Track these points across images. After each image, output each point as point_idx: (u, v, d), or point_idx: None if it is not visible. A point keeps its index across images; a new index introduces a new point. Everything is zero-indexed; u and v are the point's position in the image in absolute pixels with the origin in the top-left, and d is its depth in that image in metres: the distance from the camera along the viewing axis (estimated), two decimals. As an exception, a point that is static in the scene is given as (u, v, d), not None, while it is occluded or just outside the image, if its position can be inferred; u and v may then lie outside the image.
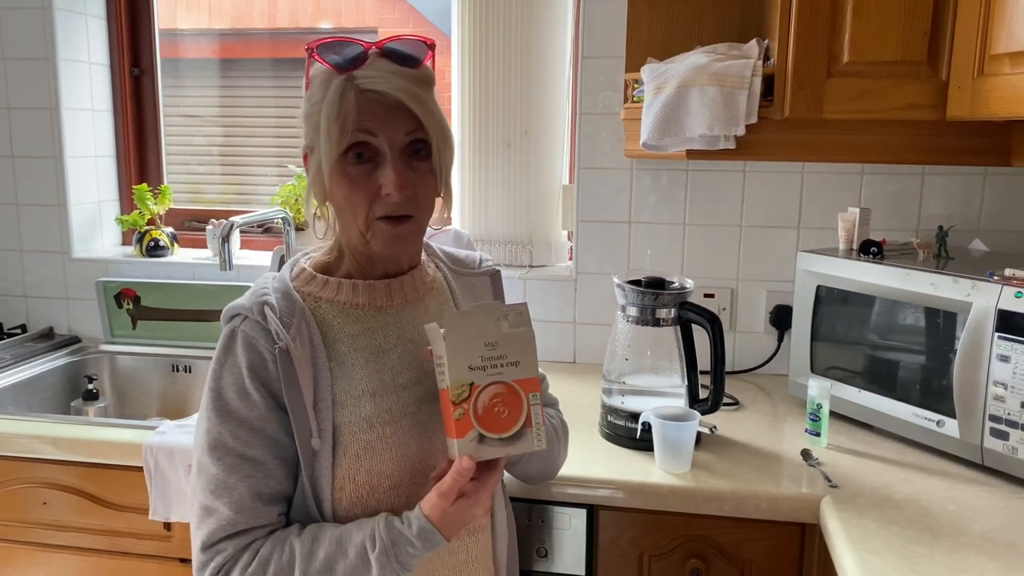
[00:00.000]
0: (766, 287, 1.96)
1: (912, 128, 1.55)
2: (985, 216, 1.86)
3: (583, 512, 1.42)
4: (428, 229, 1.10)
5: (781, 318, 1.94)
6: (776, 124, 1.57)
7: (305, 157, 1.05)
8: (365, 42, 0.98)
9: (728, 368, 1.93)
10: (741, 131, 1.55)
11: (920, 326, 1.50)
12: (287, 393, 0.98)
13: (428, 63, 1.02)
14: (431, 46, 1.01)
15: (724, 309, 1.97)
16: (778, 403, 1.78)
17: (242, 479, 0.97)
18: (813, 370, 1.70)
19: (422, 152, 1.00)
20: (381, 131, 0.97)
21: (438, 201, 1.07)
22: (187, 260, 2.25)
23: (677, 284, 1.53)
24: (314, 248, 1.14)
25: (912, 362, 1.52)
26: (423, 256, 1.16)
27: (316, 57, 0.98)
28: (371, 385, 1.03)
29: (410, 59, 0.99)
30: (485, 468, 0.98)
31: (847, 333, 1.65)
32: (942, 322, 1.45)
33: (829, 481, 1.37)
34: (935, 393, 1.47)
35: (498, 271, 1.24)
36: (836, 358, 1.67)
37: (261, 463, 0.98)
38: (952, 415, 1.43)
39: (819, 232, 1.91)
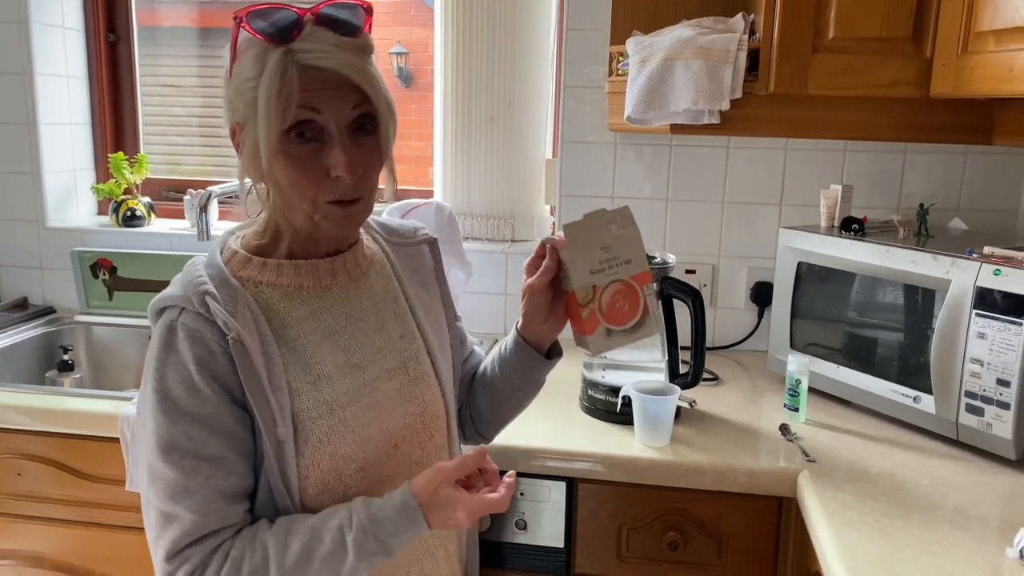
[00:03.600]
0: (747, 264, 1.96)
1: (896, 105, 1.55)
2: (965, 195, 1.87)
3: (562, 485, 1.42)
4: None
5: (761, 295, 1.95)
6: (760, 99, 1.57)
7: (233, 133, 0.97)
8: (299, 8, 0.91)
9: (708, 344, 1.93)
10: (726, 106, 1.55)
11: (899, 303, 1.51)
12: (247, 384, 0.92)
13: (366, 29, 0.95)
14: (368, 9, 0.95)
15: (705, 285, 1.97)
16: (757, 379, 1.79)
17: (203, 481, 0.91)
18: (793, 346, 1.71)
19: (367, 127, 0.94)
20: (326, 108, 0.90)
21: (384, 173, 1.02)
22: (164, 231, 2.22)
23: (659, 259, 1.53)
24: (239, 227, 1.06)
25: (890, 339, 1.54)
26: (359, 230, 1.11)
27: (246, 27, 0.90)
28: (327, 368, 0.99)
29: (349, 26, 0.92)
30: (493, 479, 0.99)
31: (827, 310, 1.65)
32: (921, 299, 1.46)
33: (807, 456, 1.38)
34: (912, 369, 1.48)
35: (434, 239, 1.21)
36: (816, 335, 1.68)
37: (221, 461, 0.92)
38: (929, 391, 1.44)
39: (801, 209, 1.92)
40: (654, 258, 1.53)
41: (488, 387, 1.18)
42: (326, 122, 0.91)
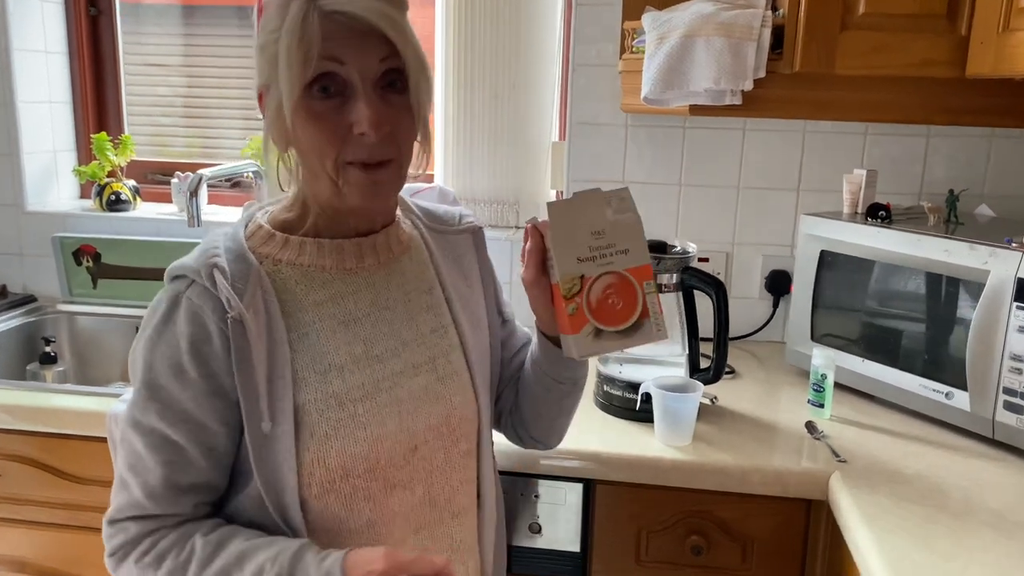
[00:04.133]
0: (762, 251, 1.89)
1: (926, 86, 1.48)
2: (991, 180, 1.80)
3: (578, 486, 1.35)
4: (415, 185, 0.99)
5: (776, 284, 1.88)
6: (785, 79, 1.49)
7: (260, 97, 0.91)
8: None
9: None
10: (749, 85, 1.46)
11: (930, 294, 1.44)
12: (238, 371, 0.86)
13: None
14: None
15: (718, 273, 1.89)
16: (774, 371, 1.72)
17: (160, 462, 0.88)
18: (813, 338, 1.64)
19: (397, 84, 0.87)
20: (350, 59, 0.84)
21: (416, 146, 0.94)
22: (151, 215, 2.12)
23: (680, 248, 1.45)
24: (271, 202, 1.00)
25: (920, 331, 1.47)
26: (398, 211, 1.04)
27: None
28: (339, 359, 0.92)
29: None
30: None
31: (851, 300, 1.58)
32: (955, 290, 1.39)
33: (837, 456, 1.31)
34: (944, 364, 1.41)
35: (480, 228, 1.12)
36: (838, 326, 1.61)
37: (181, 450, 0.88)
38: (962, 387, 1.37)
39: (819, 195, 1.84)
40: (674, 247, 1.45)
41: (526, 388, 1.09)
42: (349, 74, 0.84)
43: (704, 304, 1.41)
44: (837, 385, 1.55)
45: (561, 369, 1.03)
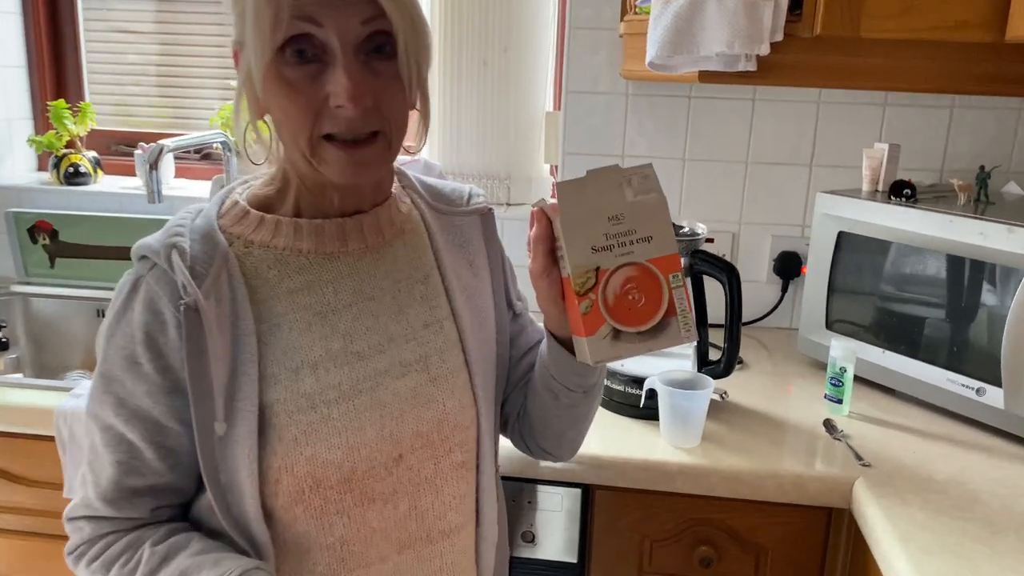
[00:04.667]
0: (771, 232, 1.76)
1: (959, 51, 1.35)
2: (1018, 156, 1.67)
3: (576, 492, 1.23)
4: (398, 158, 0.86)
5: (786, 266, 1.75)
6: (804, 43, 1.35)
7: (235, 55, 0.81)
8: None
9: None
10: (765, 50, 1.33)
11: (960, 280, 1.32)
12: (189, 365, 0.78)
13: None
14: None
15: (724, 255, 1.76)
16: (783, 362, 1.60)
17: (113, 462, 0.81)
18: (829, 327, 1.52)
19: (385, 49, 0.76)
20: (328, 20, 0.73)
21: (413, 116, 0.84)
22: (113, 189, 1.96)
23: (688, 229, 1.32)
24: (256, 176, 0.90)
25: (948, 321, 1.35)
26: (395, 187, 0.93)
27: None
28: (313, 355, 0.82)
29: None
30: None
31: (871, 286, 1.46)
32: (989, 276, 1.27)
33: (860, 459, 1.19)
34: (975, 357, 1.29)
35: (491, 210, 0.99)
36: (856, 314, 1.49)
37: (137, 449, 0.81)
38: (995, 382, 1.26)
39: (834, 171, 1.71)
40: (681, 227, 1.32)
41: (534, 393, 0.96)
42: (327, 38, 0.74)
43: (712, 289, 1.28)
44: (854, 377, 1.43)
45: (571, 375, 0.90)
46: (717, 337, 1.38)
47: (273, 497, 0.79)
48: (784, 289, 1.76)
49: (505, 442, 1.03)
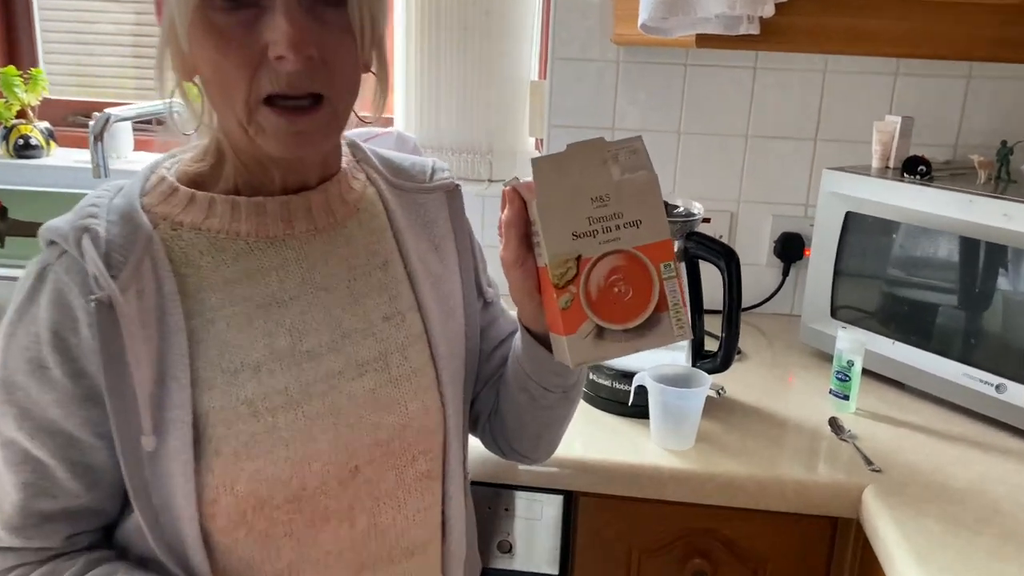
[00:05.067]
0: (772, 211, 1.64)
1: (982, 12, 1.23)
2: (1039, 131, 1.55)
3: (558, 499, 1.12)
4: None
5: (788, 249, 1.63)
6: (812, 4, 1.24)
7: (157, 4, 0.70)
8: None
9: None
10: (769, 11, 1.21)
11: (981, 266, 1.20)
12: (106, 369, 0.66)
13: None
14: None
15: (721, 236, 1.65)
16: (784, 352, 1.49)
17: (18, 484, 0.69)
18: (834, 315, 1.40)
19: None
20: None
21: (368, 81, 0.74)
22: (67, 163, 1.83)
23: (682, 209, 1.20)
24: (185, 150, 0.78)
25: (965, 310, 1.23)
26: (345, 160, 0.82)
27: None
28: (255, 354, 0.71)
29: None
30: None
31: (881, 271, 1.34)
32: (1013, 262, 1.15)
33: (870, 463, 1.08)
34: (995, 350, 1.18)
35: (458, 186, 0.89)
36: (864, 301, 1.38)
37: (47, 468, 0.69)
38: (1018, 378, 1.15)
39: (840, 146, 1.59)
40: (675, 207, 1.20)
41: (507, 392, 0.86)
42: None
43: (707, 273, 1.17)
44: (862, 370, 1.32)
45: (549, 374, 0.80)
46: (713, 325, 1.26)
47: (211, 519, 0.69)
48: (785, 273, 1.65)
49: (476, 442, 0.93)
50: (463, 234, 0.87)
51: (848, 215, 1.36)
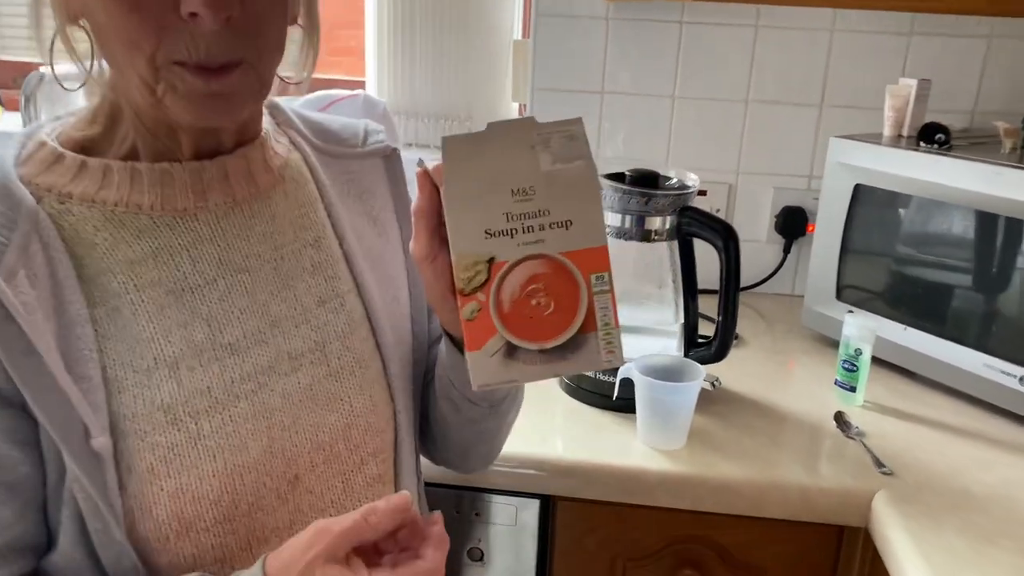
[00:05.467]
0: (773, 183, 1.52)
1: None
2: (1065, 95, 1.43)
3: (534, 503, 1.01)
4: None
5: (790, 224, 1.51)
6: (822, -50, 1.10)
7: None
8: None
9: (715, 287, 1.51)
10: (774, -42, 1.07)
11: (1004, 245, 1.09)
12: (12, 366, 0.54)
13: None
14: None
15: (718, 210, 1.53)
16: (785, 336, 1.37)
17: None
18: (840, 298, 1.29)
19: None
20: None
21: (294, 34, 0.65)
22: (12, 128, 1.70)
23: (676, 181, 1.08)
24: (71, 112, 0.66)
25: (986, 293, 1.12)
26: (265, 122, 0.70)
27: None
28: (171, 349, 0.60)
29: None
30: (413, 535, 0.58)
31: (893, 249, 1.23)
32: (1043, 242, 1.04)
33: (881, 466, 0.98)
34: (1019, 337, 1.07)
35: (395, 151, 0.79)
36: (873, 282, 1.26)
37: None
38: (1045, 370, 1.04)
39: (847, 112, 1.46)
40: (669, 178, 1.08)
41: (432, 397, 0.77)
42: None
43: (701, 249, 1.05)
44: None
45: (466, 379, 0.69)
46: (707, 307, 1.15)
47: (131, 546, 0.58)
48: (786, 250, 1.53)
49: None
50: (404, 204, 0.77)
51: (857, 188, 1.24)
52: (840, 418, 1.08)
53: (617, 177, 1.07)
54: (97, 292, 0.59)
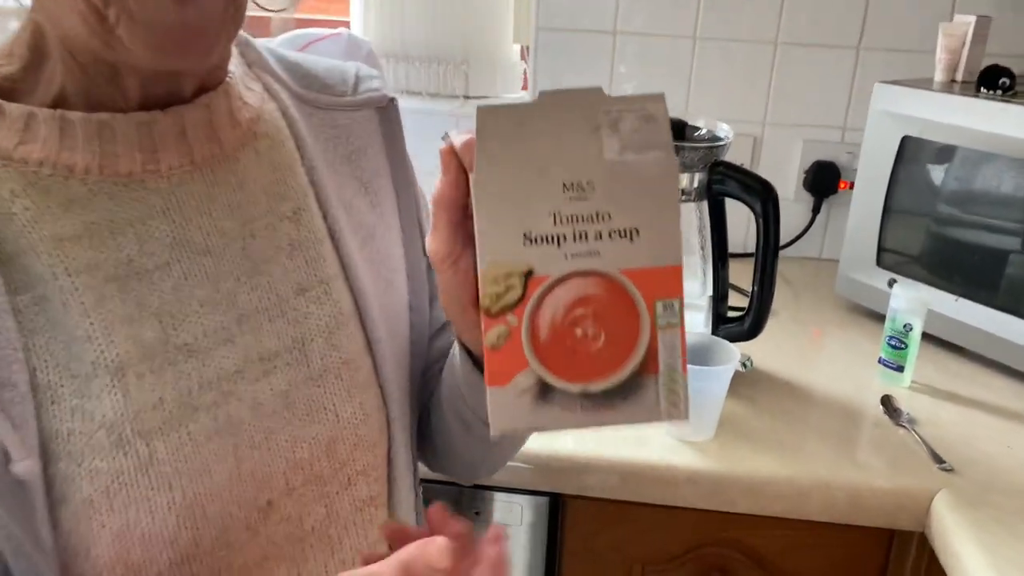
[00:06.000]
0: (803, 135, 1.37)
1: None
2: None
3: (542, 502, 0.89)
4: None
5: (821, 180, 1.37)
6: None
7: None
8: None
9: (740, 249, 1.37)
10: None
11: (1082, 207, 0.95)
12: None
13: None
14: None
15: (742, 164, 1.38)
16: (815, 306, 1.24)
17: None
18: (880, 263, 1.15)
19: None
20: None
21: None
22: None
23: (706, 132, 0.94)
24: None
25: (1055, 262, 0.99)
26: (234, 64, 0.56)
27: None
28: (114, 350, 0.47)
29: None
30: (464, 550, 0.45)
31: (944, 211, 1.09)
32: None
33: (941, 461, 0.85)
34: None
35: (392, 100, 0.64)
36: (920, 247, 1.13)
37: None
38: (1124, 350, 0.91)
39: (888, 56, 1.32)
40: (697, 129, 0.94)
41: (439, 410, 0.64)
42: None
43: (736, 214, 0.92)
44: (915, 333, 1.08)
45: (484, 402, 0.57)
46: (737, 276, 1.02)
47: None
48: (816, 209, 1.39)
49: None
50: (403, 168, 0.63)
51: (905, 140, 1.10)
52: (888, 403, 0.96)
53: (637, 127, 0.92)
54: (18, 275, 0.45)
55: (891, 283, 1.12)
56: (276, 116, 0.57)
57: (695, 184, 0.91)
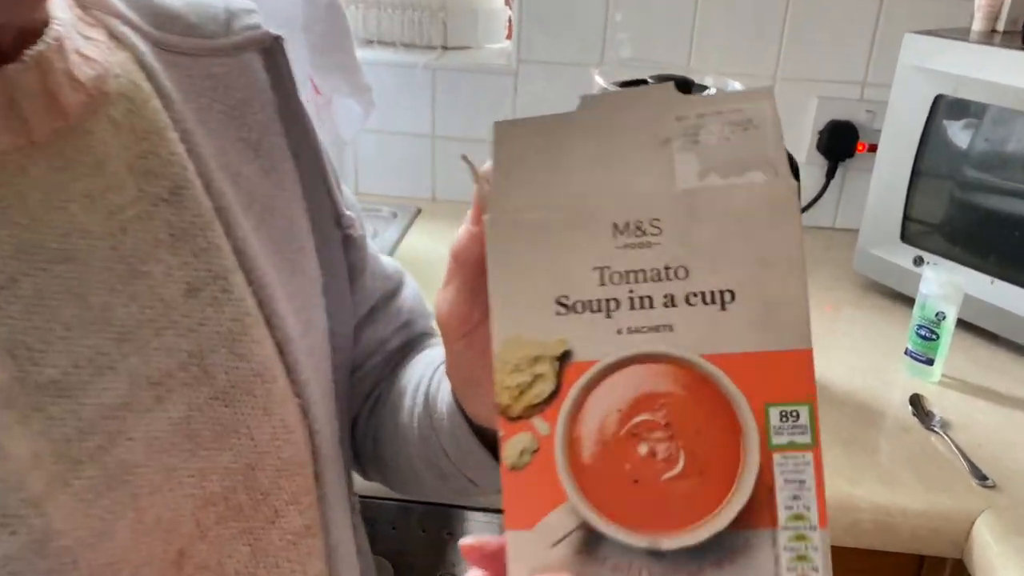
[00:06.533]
0: (817, 91, 1.24)
1: None
2: None
3: (524, 520, 0.77)
4: None
5: (836, 142, 1.25)
6: None
7: None
8: None
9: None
10: None
11: None
12: None
13: None
14: None
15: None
16: (829, 284, 1.12)
17: None
18: (905, 238, 1.03)
19: None
20: None
21: None
22: None
23: (715, 91, 0.80)
24: None
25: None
26: (62, 7, 0.42)
27: None
28: None
29: None
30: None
31: (981, 180, 0.97)
32: None
33: (983, 478, 0.74)
34: None
35: (277, 39, 0.50)
36: (952, 221, 1.01)
37: None
38: None
39: (914, 3, 1.18)
40: (705, 86, 0.81)
41: (403, 447, 0.54)
42: None
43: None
44: (944, 317, 0.97)
45: (481, 471, 0.49)
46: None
47: None
48: (830, 175, 1.26)
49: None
50: (298, 121, 0.50)
51: (938, 100, 0.97)
52: (917, 403, 0.85)
53: (635, 86, 0.79)
54: None
55: (918, 261, 1.00)
56: (131, 68, 0.43)
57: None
